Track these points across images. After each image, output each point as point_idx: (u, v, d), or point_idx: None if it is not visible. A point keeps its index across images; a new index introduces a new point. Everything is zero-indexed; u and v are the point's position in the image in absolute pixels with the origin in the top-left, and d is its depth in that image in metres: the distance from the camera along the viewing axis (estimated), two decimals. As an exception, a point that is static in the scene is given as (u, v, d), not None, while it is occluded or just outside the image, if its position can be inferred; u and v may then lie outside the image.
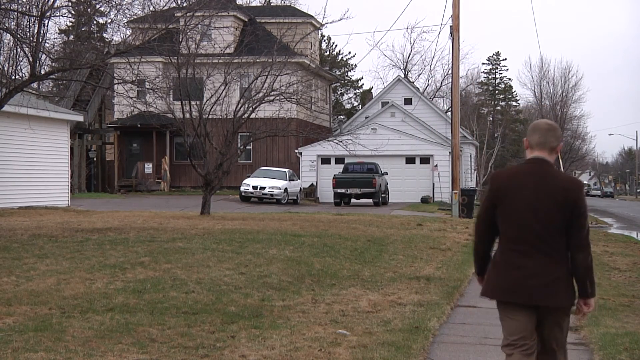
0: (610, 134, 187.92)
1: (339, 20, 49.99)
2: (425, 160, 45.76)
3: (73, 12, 25.80)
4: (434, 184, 44.33)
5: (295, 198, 41.66)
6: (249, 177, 41.79)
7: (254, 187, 39.77)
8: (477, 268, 5.76)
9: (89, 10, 24.80)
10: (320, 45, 66.41)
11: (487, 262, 5.66)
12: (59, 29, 48.61)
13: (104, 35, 37.92)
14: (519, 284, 5.39)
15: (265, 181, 40.08)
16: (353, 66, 78.94)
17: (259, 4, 57.72)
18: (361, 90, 78.35)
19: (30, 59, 17.68)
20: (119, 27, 21.36)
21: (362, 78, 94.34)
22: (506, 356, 5.53)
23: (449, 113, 45.57)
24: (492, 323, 9.87)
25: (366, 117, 52.50)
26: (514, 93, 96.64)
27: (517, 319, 5.47)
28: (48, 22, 18.14)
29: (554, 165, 5.53)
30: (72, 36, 43.70)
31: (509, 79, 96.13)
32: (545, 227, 5.38)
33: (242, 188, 40.23)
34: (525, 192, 5.42)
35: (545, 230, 5.38)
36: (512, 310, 5.47)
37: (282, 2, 57.48)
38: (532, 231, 5.39)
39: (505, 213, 5.48)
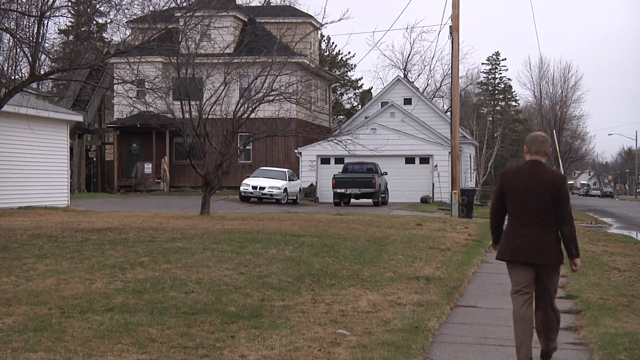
0: (609, 134, 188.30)
1: (338, 20, 49.61)
2: (424, 160, 45.72)
3: (73, 12, 25.84)
4: (433, 184, 44.31)
5: (295, 198, 41.65)
6: (248, 177, 41.78)
7: (254, 187, 39.77)
8: (493, 238, 8.03)
9: (88, 10, 24.83)
10: (320, 45, 66.39)
11: (500, 233, 7.88)
12: (58, 29, 48.74)
13: (104, 35, 37.99)
14: (522, 248, 7.57)
15: (265, 181, 40.07)
16: (353, 66, 79.00)
17: (258, 4, 57.64)
18: (361, 90, 78.29)
19: (30, 59, 17.65)
20: (118, 27, 21.31)
21: (361, 78, 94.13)
22: (512, 298, 7.64)
23: (449, 113, 45.54)
24: (491, 323, 9.88)
25: (366, 117, 52.43)
26: (514, 93, 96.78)
27: (520, 273, 7.62)
28: (47, 22, 18.10)
29: (545, 164, 7.70)
30: (71, 36, 43.69)
31: (509, 79, 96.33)
32: (539, 207, 7.53)
33: (241, 188, 40.22)
34: (526, 184, 7.61)
35: (539, 210, 7.54)
36: (517, 267, 7.64)
37: (282, 2, 57.42)
38: (530, 210, 7.55)
39: (512, 198, 7.67)
